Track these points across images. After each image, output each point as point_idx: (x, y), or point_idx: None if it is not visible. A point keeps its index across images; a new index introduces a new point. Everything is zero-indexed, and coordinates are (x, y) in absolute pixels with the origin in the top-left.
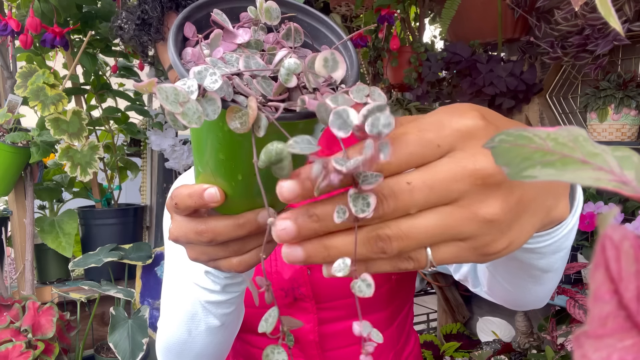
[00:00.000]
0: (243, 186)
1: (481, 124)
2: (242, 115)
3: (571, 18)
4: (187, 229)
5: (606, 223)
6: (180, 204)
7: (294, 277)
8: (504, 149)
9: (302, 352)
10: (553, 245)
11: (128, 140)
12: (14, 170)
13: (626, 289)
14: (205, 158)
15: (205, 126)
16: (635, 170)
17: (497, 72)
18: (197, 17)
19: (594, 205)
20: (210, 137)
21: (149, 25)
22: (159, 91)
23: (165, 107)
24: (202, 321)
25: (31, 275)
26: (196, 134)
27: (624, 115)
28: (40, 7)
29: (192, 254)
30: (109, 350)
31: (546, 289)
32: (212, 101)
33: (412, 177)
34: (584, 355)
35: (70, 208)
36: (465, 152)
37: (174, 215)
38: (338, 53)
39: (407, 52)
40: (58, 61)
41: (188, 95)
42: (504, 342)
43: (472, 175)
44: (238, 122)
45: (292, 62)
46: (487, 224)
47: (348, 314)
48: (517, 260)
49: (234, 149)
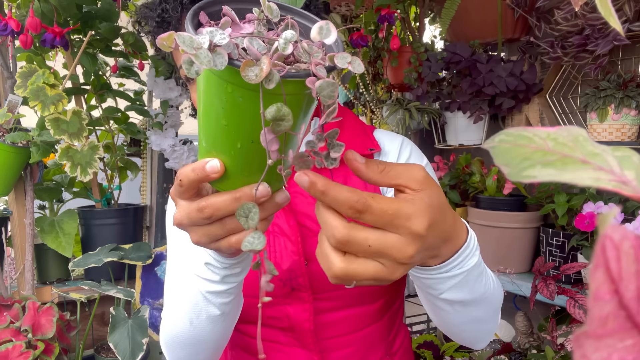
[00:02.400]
0: (242, 156)
1: (426, 233)
2: (256, 68)
3: (571, 18)
4: (190, 209)
5: (606, 223)
6: (185, 180)
7: (292, 268)
8: (504, 149)
9: (297, 340)
10: (437, 279)
11: (128, 140)
12: (14, 170)
13: (626, 289)
14: (209, 127)
15: (213, 89)
16: (635, 170)
17: (497, 72)
18: (209, 10)
19: (594, 205)
20: (215, 102)
21: (167, 23)
22: (178, 37)
23: (184, 50)
24: (203, 310)
25: (31, 275)
26: (204, 102)
27: (624, 115)
28: (40, 7)
29: (194, 237)
30: (109, 350)
31: (471, 329)
32: (220, 55)
33: (370, 236)
34: (584, 355)
35: (70, 208)
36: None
37: (178, 200)
38: (331, 23)
39: (407, 52)
40: (58, 61)
41: (201, 44)
42: (504, 342)
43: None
44: (253, 74)
45: (289, 33)
46: None
47: (343, 305)
48: (422, 290)
49: (236, 112)
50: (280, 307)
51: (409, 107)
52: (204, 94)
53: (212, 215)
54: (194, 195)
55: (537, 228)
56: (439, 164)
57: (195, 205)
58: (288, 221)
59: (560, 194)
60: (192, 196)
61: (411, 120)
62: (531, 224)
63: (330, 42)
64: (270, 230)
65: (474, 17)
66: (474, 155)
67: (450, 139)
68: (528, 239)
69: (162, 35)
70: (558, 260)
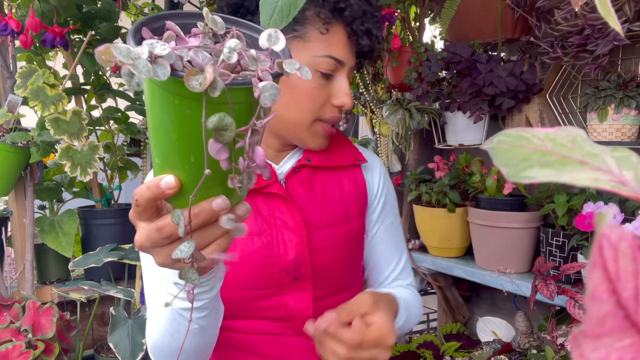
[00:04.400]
0: (196, 170)
1: (394, 334)
2: (200, 77)
3: (571, 18)
4: (149, 230)
5: (603, 223)
6: (140, 199)
7: (296, 259)
8: (503, 149)
9: (293, 329)
10: None
11: (128, 140)
12: (14, 170)
13: (624, 289)
14: (161, 142)
15: (160, 103)
16: (633, 171)
17: (497, 72)
18: (153, 26)
19: (594, 205)
20: (163, 116)
21: None
22: (115, 49)
23: (121, 61)
24: (181, 325)
25: (31, 275)
26: (153, 118)
27: (624, 115)
28: (40, 7)
29: (158, 259)
30: (109, 350)
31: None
32: (162, 66)
33: (363, 354)
34: (582, 354)
35: (70, 208)
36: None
37: (138, 222)
38: (280, 31)
39: (407, 52)
40: (58, 61)
41: (139, 54)
42: (504, 342)
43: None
44: (197, 83)
45: (232, 42)
46: None
47: (335, 291)
48: None
49: (186, 125)
50: (276, 297)
51: (409, 107)
52: (151, 109)
53: (171, 234)
54: (153, 215)
55: (537, 228)
56: (439, 164)
57: (154, 225)
58: (292, 216)
59: (560, 194)
60: (150, 216)
61: (411, 120)
62: (531, 224)
63: (279, 49)
64: (275, 224)
65: (474, 17)
66: (474, 155)
67: (450, 139)
68: (528, 239)
69: (99, 49)
70: (558, 260)
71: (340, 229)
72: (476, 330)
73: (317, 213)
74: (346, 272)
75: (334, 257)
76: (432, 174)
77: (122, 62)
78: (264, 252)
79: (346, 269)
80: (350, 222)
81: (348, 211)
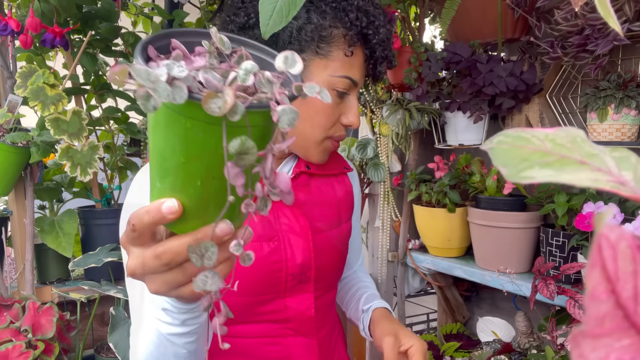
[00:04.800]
0: (202, 194)
1: None
2: (219, 101)
3: (571, 18)
4: (145, 256)
5: (602, 223)
6: (138, 224)
7: (303, 263)
8: (502, 150)
9: (295, 330)
10: None
11: (128, 140)
12: (14, 170)
13: (623, 289)
14: (165, 165)
15: (169, 125)
16: (632, 171)
17: (497, 72)
18: (157, 45)
19: (594, 205)
20: (172, 137)
21: None
22: (134, 70)
23: (141, 83)
24: (168, 349)
25: (31, 275)
26: (157, 140)
27: (624, 115)
28: (40, 7)
29: (152, 286)
30: (109, 350)
31: None
32: (179, 88)
33: None
34: (581, 354)
35: (70, 208)
36: None
37: (131, 248)
38: (296, 54)
39: (407, 52)
40: (58, 61)
41: (158, 77)
42: (504, 342)
43: None
44: (216, 107)
45: (248, 64)
46: None
47: (328, 290)
48: None
49: (196, 148)
50: (279, 300)
51: (409, 107)
52: (157, 130)
53: (171, 261)
54: (148, 241)
55: (537, 228)
56: (439, 164)
57: (152, 251)
58: (299, 221)
59: (560, 194)
60: (146, 242)
61: (411, 120)
62: (531, 224)
63: (296, 72)
64: (281, 229)
65: (474, 17)
66: (474, 155)
67: (450, 139)
68: (528, 239)
69: (114, 69)
70: (558, 260)
71: (335, 232)
72: (476, 330)
73: (317, 217)
74: (339, 271)
75: (332, 259)
76: (432, 174)
77: (140, 85)
78: (272, 257)
79: (340, 269)
80: (342, 226)
81: (340, 215)
